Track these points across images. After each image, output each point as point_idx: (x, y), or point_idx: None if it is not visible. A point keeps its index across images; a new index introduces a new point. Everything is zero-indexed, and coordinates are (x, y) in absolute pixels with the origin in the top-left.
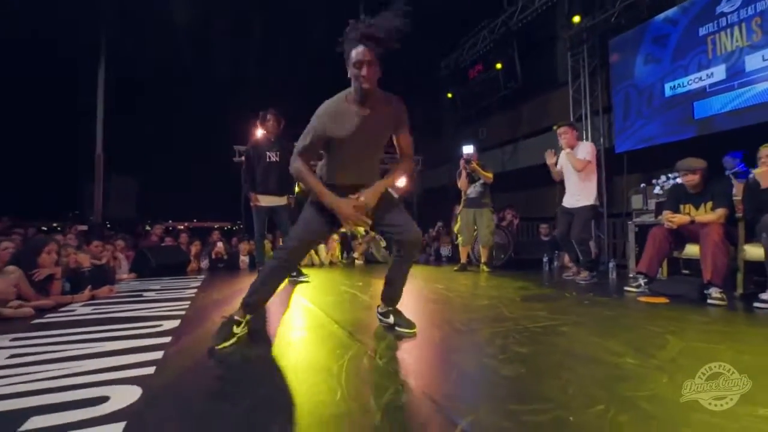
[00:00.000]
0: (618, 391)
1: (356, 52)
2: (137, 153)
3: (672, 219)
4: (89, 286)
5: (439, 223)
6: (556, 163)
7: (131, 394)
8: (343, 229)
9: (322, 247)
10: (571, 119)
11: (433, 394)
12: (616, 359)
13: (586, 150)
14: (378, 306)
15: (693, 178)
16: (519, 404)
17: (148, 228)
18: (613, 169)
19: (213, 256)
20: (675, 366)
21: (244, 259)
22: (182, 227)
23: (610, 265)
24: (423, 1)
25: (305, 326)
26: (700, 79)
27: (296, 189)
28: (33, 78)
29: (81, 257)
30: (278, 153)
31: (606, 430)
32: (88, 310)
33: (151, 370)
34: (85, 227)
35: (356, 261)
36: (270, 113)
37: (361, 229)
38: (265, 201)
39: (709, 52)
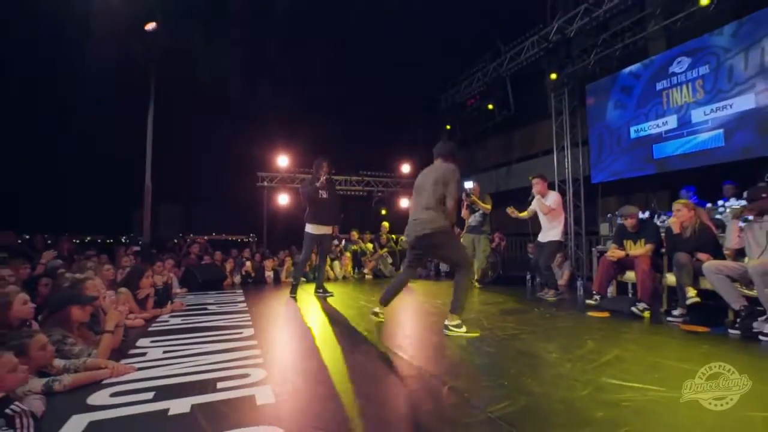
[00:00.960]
0: (538, 372)
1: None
2: (177, 183)
3: (612, 255)
4: (169, 302)
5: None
6: (530, 202)
7: (261, 373)
8: (354, 247)
9: (336, 263)
10: (554, 149)
11: (432, 371)
12: (546, 355)
13: (552, 199)
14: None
15: (628, 222)
16: (485, 377)
17: (176, 242)
18: (593, 193)
19: (243, 273)
20: (580, 358)
21: (269, 275)
22: (201, 241)
23: (579, 283)
24: (426, 42)
25: (339, 332)
26: (658, 125)
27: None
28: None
29: (157, 278)
30: (328, 192)
31: (522, 390)
32: (178, 320)
33: (260, 360)
34: (137, 248)
35: (366, 276)
36: (324, 162)
37: (370, 246)
38: (317, 230)
39: (664, 104)
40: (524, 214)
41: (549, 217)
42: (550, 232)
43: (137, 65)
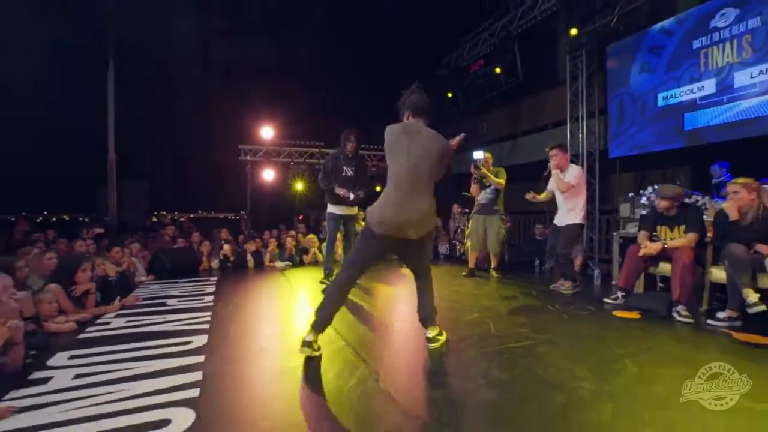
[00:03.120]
0: (568, 416)
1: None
2: (147, 156)
3: (648, 251)
4: (118, 297)
5: (437, 220)
6: (546, 179)
7: (188, 417)
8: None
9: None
10: (568, 120)
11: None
12: (577, 385)
13: (573, 174)
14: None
15: (663, 204)
16: (488, 427)
17: (154, 219)
18: (607, 168)
19: (221, 257)
20: (623, 392)
21: (250, 259)
22: (184, 219)
23: (596, 272)
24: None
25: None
26: (692, 91)
27: None
28: (49, 82)
29: (108, 267)
30: (353, 169)
31: None
32: (122, 322)
33: (196, 392)
34: (102, 230)
35: None
36: (353, 135)
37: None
38: (339, 210)
39: (701, 66)
40: (543, 196)
41: (568, 195)
42: (570, 213)
43: (96, 24)
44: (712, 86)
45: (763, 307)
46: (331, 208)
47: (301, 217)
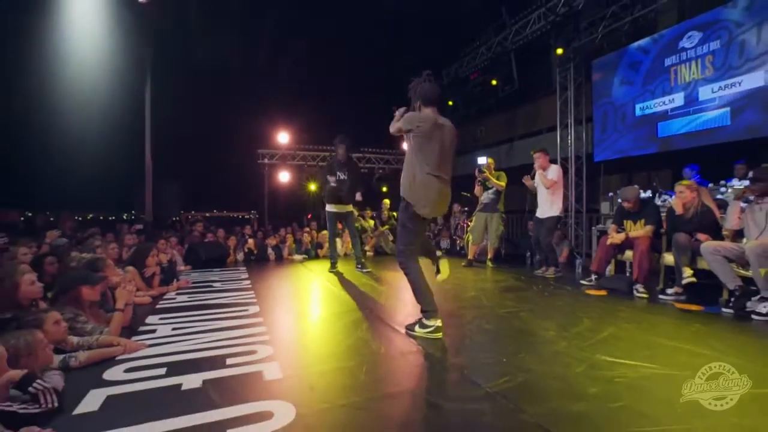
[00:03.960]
0: (536, 349)
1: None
2: (176, 160)
3: (613, 240)
4: (174, 279)
5: (440, 218)
6: (532, 177)
7: (268, 349)
8: (356, 224)
9: (338, 241)
10: (558, 126)
11: (432, 348)
12: (544, 332)
13: (554, 172)
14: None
15: (626, 205)
16: (485, 354)
17: (176, 219)
18: (595, 171)
19: (245, 250)
20: (576, 336)
21: (271, 252)
22: (200, 218)
23: (578, 261)
24: (427, 14)
25: (342, 310)
26: (664, 103)
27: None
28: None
29: (162, 256)
30: (346, 172)
31: (520, 367)
32: (185, 298)
33: (266, 337)
34: (141, 226)
35: (367, 253)
36: (342, 142)
37: (372, 223)
38: (336, 209)
39: (671, 80)
40: (531, 186)
41: (550, 191)
42: (551, 207)
43: (134, 40)
44: (681, 99)
45: (692, 279)
46: (329, 207)
47: (309, 216)
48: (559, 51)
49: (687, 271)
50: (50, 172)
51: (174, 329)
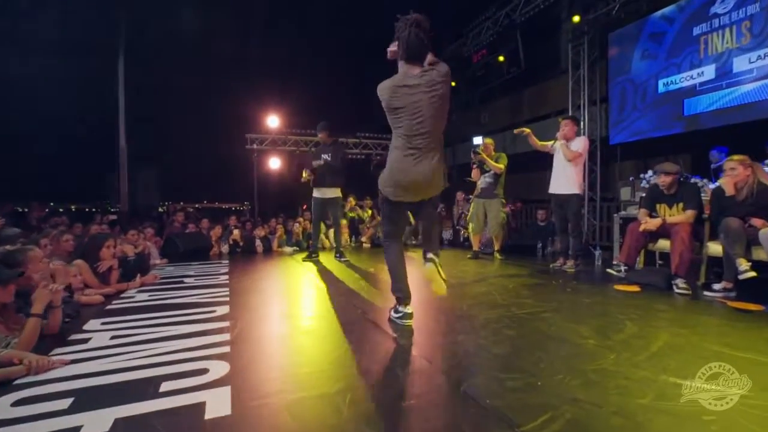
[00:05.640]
0: (576, 365)
1: None
2: (156, 145)
3: (648, 226)
4: (138, 274)
5: (441, 206)
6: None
7: (223, 367)
8: (351, 214)
9: (332, 232)
10: (569, 108)
11: (441, 364)
12: (581, 340)
13: (580, 144)
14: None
15: (666, 180)
16: (509, 373)
17: (162, 210)
18: (608, 156)
19: (230, 242)
20: (623, 346)
21: (259, 244)
22: (192, 209)
23: (597, 253)
24: None
25: (328, 310)
26: (691, 77)
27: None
28: (62, 78)
29: (126, 247)
30: (330, 155)
31: (562, 395)
32: (144, 296)
33: (227, 348)
34: (114, 216)
35: (363, 244)
36: (322, 129)
37: (369, 212)
38: (318, 193)
39: (701, 52)
40: (538, 143)
41: (571, 165)
42: (573, 184)
43: (106, 13)
44: (711, 72)
45: (752, 273)
46: (314, 192)
47: (305, 207)
48: (576, 18)
49: (743, 263)
50: (12, 158)
51: (113, 338)
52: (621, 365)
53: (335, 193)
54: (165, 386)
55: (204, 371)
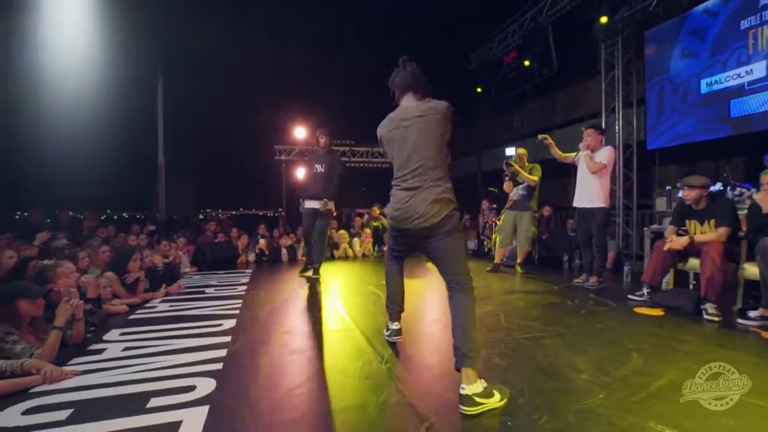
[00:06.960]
0: (557, 404)
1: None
2: (192, 158)
3: (673, 245)
4: (164, 284)
5: (466, 216)
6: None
7: (209, 385)
8: (375, 224)
9: (356, 241)
10: (603, 111)
11: (415, 400)
12: (573, 374)
13: (605, 155)
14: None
15: (690, 194)
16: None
17: (201, 217)
18: (646, 161)
19: (257, 251)
20: (620, 383)
21: (284, 253)
22: (225, 216)
23: (626, 268)
24: None
25: (332, 329)
26: (739, 75)
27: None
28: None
29: (156, 258)
30: (324, 165)
31: None
32: (165, 306)
33: (219, 365)
34: (153, 227)
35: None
36: (321, 133)
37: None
38: (308, 204)
39: (749, 47)
40: (561, 154)
41: (597, 176)
42: (599, 197)
43: (146, 36)
44: (762, 69)
45: None
46: (305, 203)
47: (335, 214)
48: (604, 19)
49: None
50: (66, 171)
51: (125, 349)
52: (609, 407)
53: (326, 206)
54: (153, 402)
55: (191, 388)
